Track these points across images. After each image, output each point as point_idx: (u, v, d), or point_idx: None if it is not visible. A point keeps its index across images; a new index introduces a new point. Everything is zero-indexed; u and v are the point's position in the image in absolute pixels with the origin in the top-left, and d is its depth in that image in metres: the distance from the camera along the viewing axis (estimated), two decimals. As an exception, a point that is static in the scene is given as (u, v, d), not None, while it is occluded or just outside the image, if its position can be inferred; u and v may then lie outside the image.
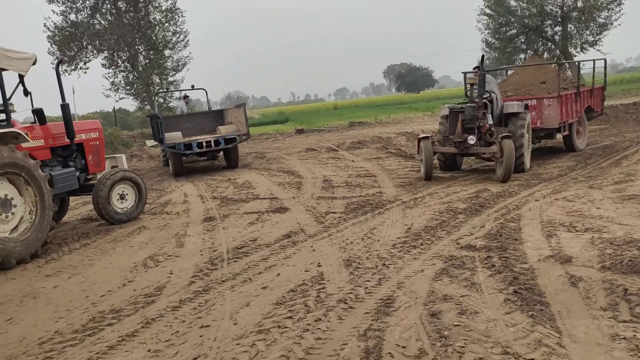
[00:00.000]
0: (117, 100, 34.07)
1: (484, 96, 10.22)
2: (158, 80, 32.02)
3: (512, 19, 29.78)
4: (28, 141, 7.27)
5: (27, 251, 6.75)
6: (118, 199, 8.64)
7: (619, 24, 28.86)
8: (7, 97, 7.24)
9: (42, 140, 7.96)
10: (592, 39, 29.68)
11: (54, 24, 29.06)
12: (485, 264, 4.98)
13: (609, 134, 16.16)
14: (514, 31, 30.44)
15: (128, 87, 31.28)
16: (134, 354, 3.89)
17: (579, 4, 28.28)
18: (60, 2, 28.95)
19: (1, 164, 6.58)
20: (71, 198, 10.13)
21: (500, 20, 30.17)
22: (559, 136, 13.10)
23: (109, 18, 29.87)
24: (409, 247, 5.84)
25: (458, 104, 10.71)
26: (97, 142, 9.06)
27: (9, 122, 7.14)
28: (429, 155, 9.93)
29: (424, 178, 10.10)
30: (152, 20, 30.78)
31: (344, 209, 8.21)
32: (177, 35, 31.51)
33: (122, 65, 31.15)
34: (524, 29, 29.71)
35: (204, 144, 13.68)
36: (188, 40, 31.88)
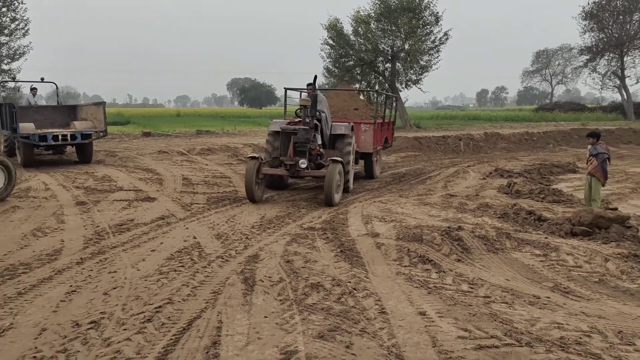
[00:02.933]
0: None
1: (315, 116, 10.18)
2: (-11, 67, 30.01)
3: (351, 52, 33.44)
4: None
5: None
6: (-13, 181, 9.06)
7: (437, 68, 34.12)
8: None
9: None
10: (415, 78, 34.54)
11: None
12: (322, 236, 6.91)
13: (420, 160, 19.53)
14: (351, 63, 34.13)
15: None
16: (57, 289, 5.00)
17: (406, 47, 32.80)
18: None
19: None
20: None
21: (340, 52, 33.66)
22: (362, 162, 13.45)
23: None
24: (264, 228, 7.53)
25: (289, 123, 10.50)
26: None
27: None
28: (250, 177, 9.27)
29: (248, 199, 9.58)
30: (-12, 3, 28.96)
31: (206, 201, 9.64)
32: (17, 22, 29.95)
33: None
34: (360, 62, 33.52)
35: (60, 137, 14.01)
36: (28, 29, 30.47)
